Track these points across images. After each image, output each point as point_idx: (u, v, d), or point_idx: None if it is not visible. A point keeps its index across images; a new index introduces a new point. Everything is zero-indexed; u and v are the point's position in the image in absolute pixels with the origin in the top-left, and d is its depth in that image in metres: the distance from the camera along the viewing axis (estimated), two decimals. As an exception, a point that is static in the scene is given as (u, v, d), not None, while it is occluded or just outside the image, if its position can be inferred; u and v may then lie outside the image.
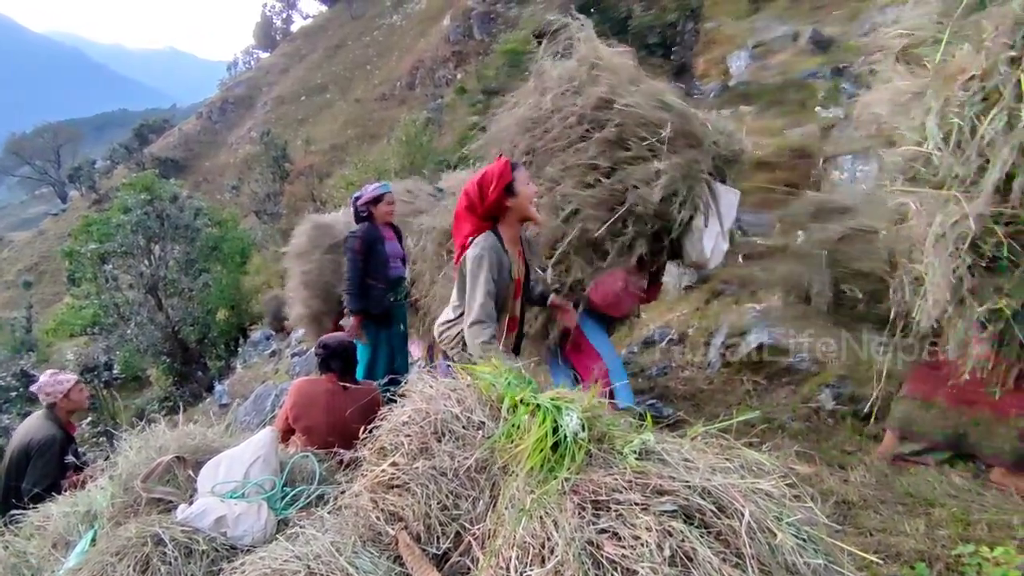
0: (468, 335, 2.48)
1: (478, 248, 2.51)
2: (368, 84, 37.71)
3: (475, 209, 2.59)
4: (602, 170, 3.16)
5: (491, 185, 2.55)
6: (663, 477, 1.43)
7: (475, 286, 2.47)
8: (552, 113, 3.29)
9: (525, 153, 3.33)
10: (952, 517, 2.45)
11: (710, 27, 12.63)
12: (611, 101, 3.18)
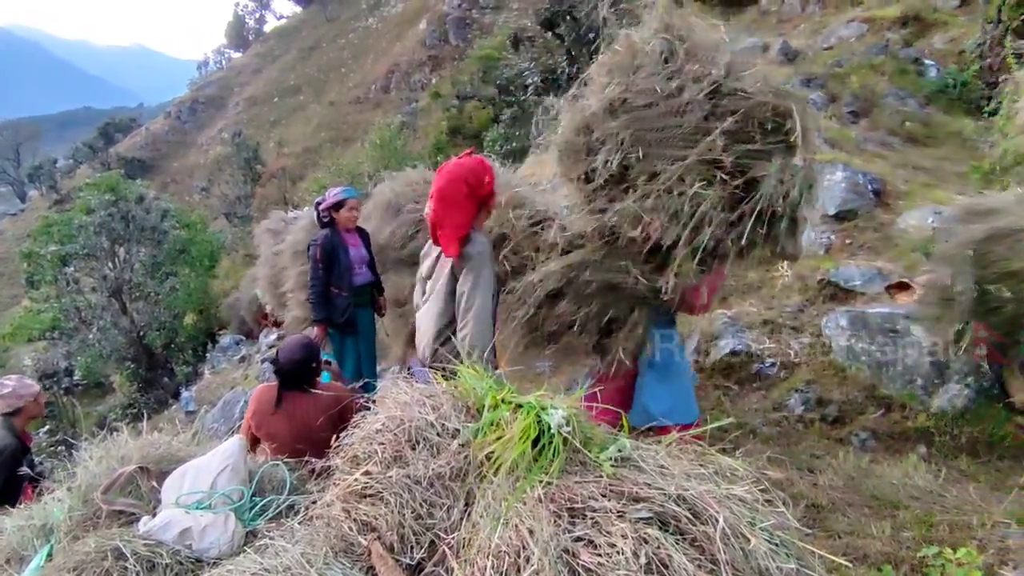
0: (470, 332, 2.41)
1: (477, 245, 2.48)
2: (342, 87, 37.37)
3: (475, 195, 2.54)
4: (725, 166, 2.62)
5: (486, 176, 2.54)
6: (639, 484, 1.43)
7: (478, 283, 2.43)
8: (651, 97, 2.69)
9: (631, 145, 2.69)
10: (916, 519, 2.51)
11: (683, 37, 12.86)
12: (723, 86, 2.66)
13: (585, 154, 2.79)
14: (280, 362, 2.98)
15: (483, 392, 1.83)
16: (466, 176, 2.53)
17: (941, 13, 9.82)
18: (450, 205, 2.54)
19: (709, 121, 2.61)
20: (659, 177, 2.62)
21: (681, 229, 2.61)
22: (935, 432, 3.19)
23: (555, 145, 2.92)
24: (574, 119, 2.83)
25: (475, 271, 2.44)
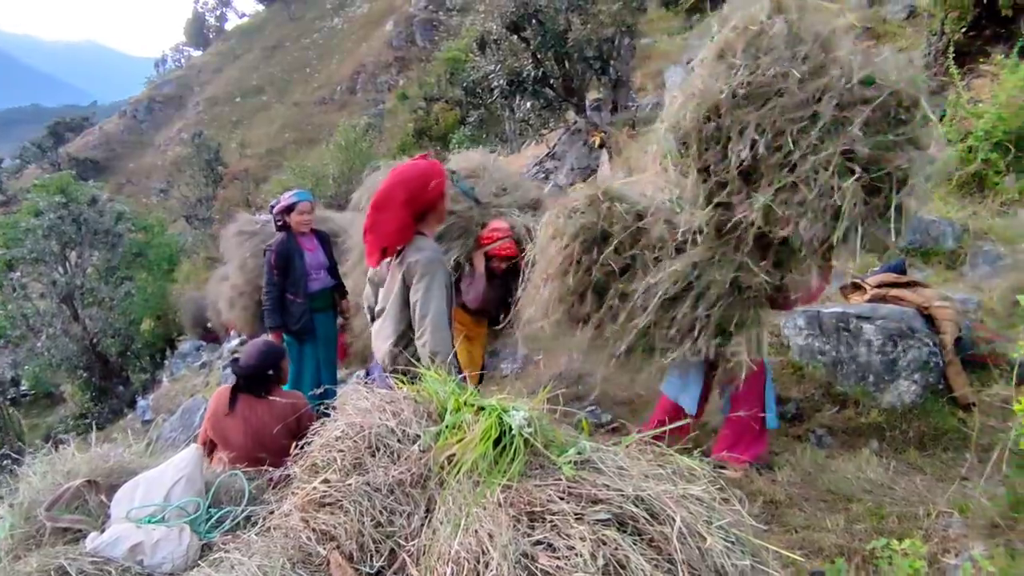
0: (428, 341, 2.36)
1: (426, 251, 2.42)
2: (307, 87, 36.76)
3: (412, 203, 2.46)
4: (862, 158, 2.45)
5: (434, 179, 2.46)
6: (597, 486, 1.44)
7: (431, 290, 2.37)
8: (783, 83, 2.48)
9: (773, 135, 2.48)
10: (868, 511, 2.60)
11: (646, 43, 13.09)
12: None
13: (714, 143, 2.60)
14: (239, 366, 2.92)
15: (445, 396, 1.82)
16: (406, 181, 2.45)
17: (891, 24, 10.21)
18: (381, 211, 2.45)
19: (843, 110, 2.45)
20: (795, 169, 2.46)
21: (822, 224, 2.46)
22: (886, 427, 3.30)
23: (668, 133, 2.71)
24: (696, 105, 2.60)
25: (427, 277, 2.38)
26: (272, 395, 2.93)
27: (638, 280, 2.83)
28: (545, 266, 3.02)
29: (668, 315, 2.77)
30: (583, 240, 2.87)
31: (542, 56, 8.29)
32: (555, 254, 2.96)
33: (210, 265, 13.83)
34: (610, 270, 2.83)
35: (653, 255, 2.80)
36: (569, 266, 2.91)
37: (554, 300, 2.99)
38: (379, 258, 2.55)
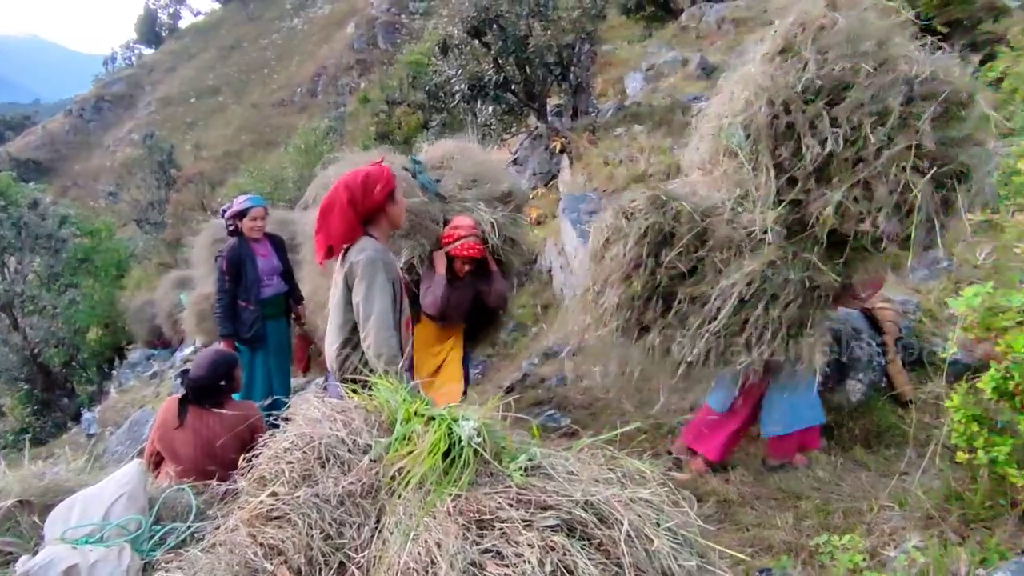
0: (372, 343, 2.34)
1: (367, 251, 2.42)
2: (265, 89, 35.99)
3: (356, 205, 2.47)
4: (932, 153, 2.45)
5: (379, 185, 2.47)
6: (547, 492, 1.45)
7: (371, 291, 2.37)
8: (852, 78, 2.49)
9: (836, 127, 2.46)
10: (815, 508, 2.68)
11: (607, 49, 13.27)
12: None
13: (787, 139, 2.57)
14: (190, 377, 2.84)
15: (396, 405, 1.80)
16: (350, 184, 2.47)
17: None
18: (326, 212, 2.48)
19: (909, 105, 2.46)
20: (867, 164, 2.44)
21: (897, 219, 2.44)
22: (834, 426, 3.42)
23: (737, 128, 2.66)
24: (768, 100, 2.55)
25: (366, 278, 2.38)
26: (224, 406, 2.86)
27: (706, 283, 2.73)
28: (602, 272, 2.90)
29: (739, 318, 2.68)
30: (649, 242, 2.75)
31: (503, 61, 8.32)
32: (616, 258, 2.82)
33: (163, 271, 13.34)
34: (677, 273, 2.75)
35: (721, 256, 2.71)
36: (633, 270, 2.79)
37: (613, 307, 2.84)
38: (325, 256, 2.55)
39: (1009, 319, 1.77)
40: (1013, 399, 1.95)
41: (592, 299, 2.95)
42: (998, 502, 2.15)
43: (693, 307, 2.75)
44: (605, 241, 2.89)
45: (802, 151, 2.55)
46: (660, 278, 2.77)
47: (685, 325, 2.76)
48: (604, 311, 2.88)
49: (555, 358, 5.00)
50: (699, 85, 9.56)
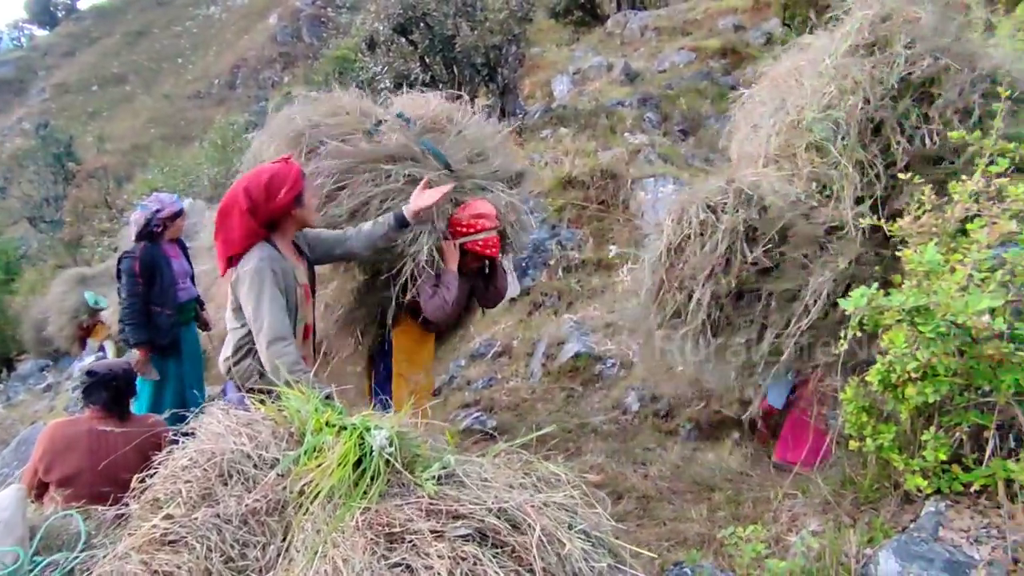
0: (267, 356, 2.23)
1: (252, 261, 2.28)
2: (179, 79, 33.92)
3: (256, 212, 2.31)
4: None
5: (283, 188, 2.31)
6: (459, 501, 1.43)
7: (260, 302, 2.24)
8: (934, 73, 2.52)
9: (927, 124, 2.46)
10: (727, 499, 2.81)
11: (535, 52, 13.43)
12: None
13: (874, 134, 2.53)
14: (86, 390, 2.62)
15: (307, 415, 1.73)
16: (251, 189, 2.31)
17: (752, 48, 11.25)
18: (225, 216, 2.33)
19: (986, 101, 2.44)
20: (949, 162, 2.44)
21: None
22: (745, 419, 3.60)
23: (823, 122, 2.58)
24: (856, 95, 2.49)
25: (254, 290, 2.25)
26: (126, 421, 2.67)
27: (788, 279, 2.66)
28: (683, 269, 2.75)
29: (833, 316, 2.58)
30: (738, 238, 2.65)
31: (430, 60, 8.24)
32: (703, 254, 2.69)
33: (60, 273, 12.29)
34: (760, 269, 2.67)
35: (802, 252, 2.64)
36: (720, 267, 2.68)
37: (698, 305, 2.70)
38: (227, 267, 2.38)
39: (891, 318, 1.92)
40: (896, 390, 2.11)
41: (668, 297, 2.79)
42: (884, 484, 2.32)
43: (779, 304, 2.69)
44: (686, 237, 2.75)
45: (889, 148, 2.57)
46: (744, 275, 2.70)
47: (769, 323, 2.70)
48: (681, 310, 2.75)
49: (482, 360, 5.00)
50: (623, 90, 9.85)
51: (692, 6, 13.74)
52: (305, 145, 2.94)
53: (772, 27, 11.11)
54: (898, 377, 2.07)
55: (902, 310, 1.85)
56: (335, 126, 2.99)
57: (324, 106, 3.13)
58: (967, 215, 2.14)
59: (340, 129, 2.98)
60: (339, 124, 3.00)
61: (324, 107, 3.12)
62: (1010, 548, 1.87)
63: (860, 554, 2.03)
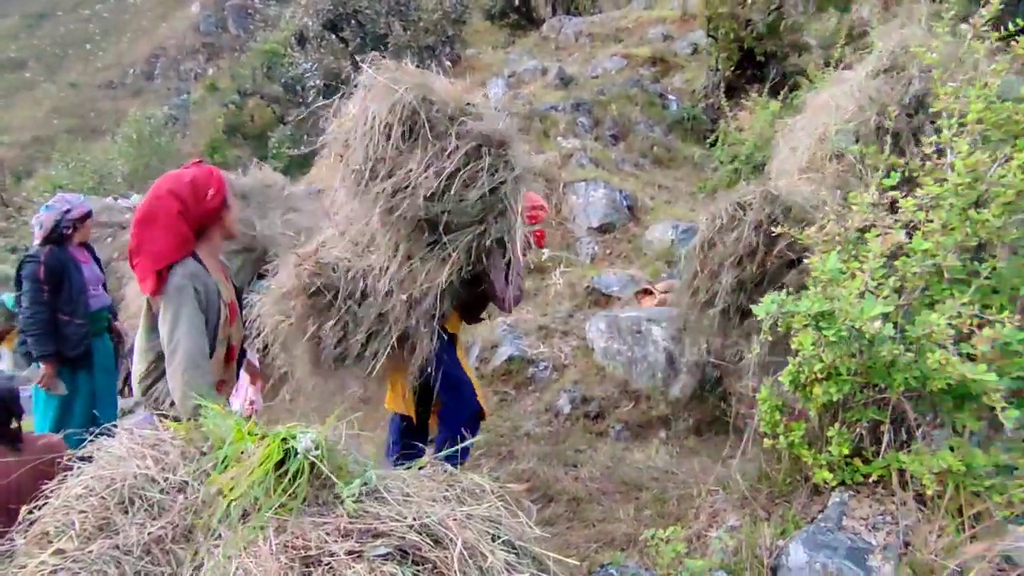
0: (179, 382, 2.06)
1: (176, 278, 2.12)
2: (88, 67, 31.60)
3: (188, 215, 2.16)
4: None
5: (210, 189, 2.19)
6: (380, 518, 1.39)
7: (177, 324, 2.07)
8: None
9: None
10: (654, 498, 2.89)
11: (471, 53, 13.40)
12: None
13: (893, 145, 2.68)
14: None
15: (226, 431, 1.64)
16: (176, 190, 2.16)
17: (679, 58, 11.66)
18: (152, 226, 2.14)
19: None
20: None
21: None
22: (672, 418, 3.73)
23: (848, 133, 2.83)
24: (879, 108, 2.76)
25: (171, 308, 2.09)
26: (18, 443, 2.45)
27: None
28: (715, 257, 3.02)
29: None
30: (763, 231, 2.90)
31: (361, 59, 8.05)
32: (731, 243, 2.93)
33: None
34: (785, 261, 2.90)
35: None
36: (746, 255, 2.94)
37: (725, 289, 2.97)
38: (156, 283, 2.15)
39: (799, 322, 2.04)
40: (805, 390, 2.24)
41: (700, 284, 3.07)
42: (796, 478, 2.46)
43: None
44: (719, 229, 3.02)
45: (905, 156, 2.85)
46: (770, 265, 2.95)
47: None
48: (712, 294, 3.01)
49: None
50: (557, 94, 9.98)
51: (624, 14, 14.11)
52: (424, 124, 2.60)
53: (698, 38, 11.55)
54: (806, 377, 2.19)
55: (808, 315, 1.96)
56: (443, 105, 2.66)
57: (413, 79, 2.74)
58: (866, 225, 2.31)
59: (449, 109, 2.67)
60: (448, 103, 2.68)
61: (415, 80, 2.72)
62: (901, 533, 2.02)
63: (773, 546, 2.13)
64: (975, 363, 1.77)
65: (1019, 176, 1.90)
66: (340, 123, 2.84)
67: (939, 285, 2.06)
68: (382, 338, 2.77)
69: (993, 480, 1.88)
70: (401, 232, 2.66)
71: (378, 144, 2.58)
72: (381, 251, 2.74)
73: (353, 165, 2.65)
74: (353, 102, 2.80)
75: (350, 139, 2.72)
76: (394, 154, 2.60)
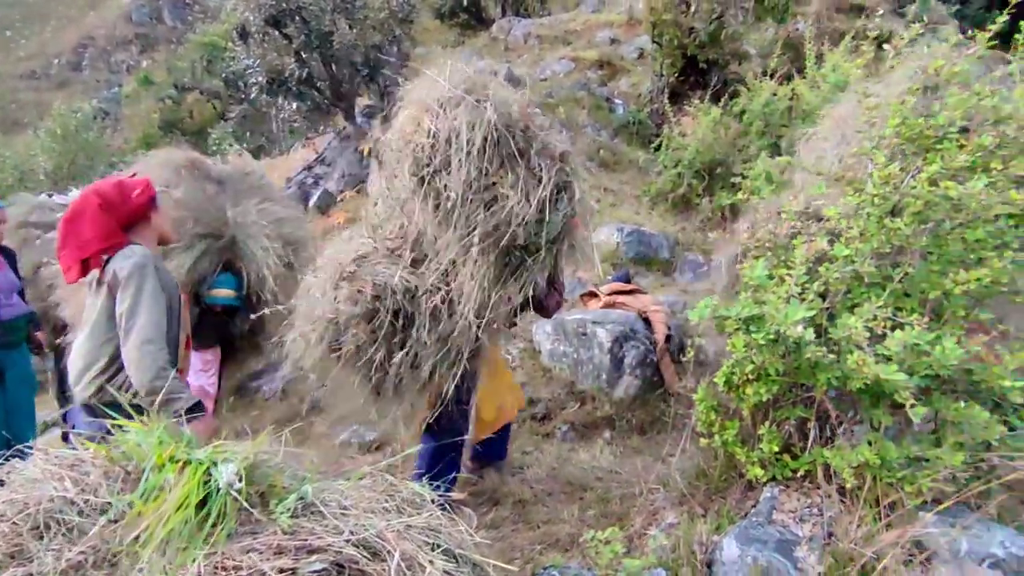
0: (136, 356, 2.06)
1: (136, 257, 2.16)
2: (8, 56, 29.57)
3: (112, 209, 2.22)
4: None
5: (136, 190, 2.27)
6: (316, 533, 1.37)
7: (139, 299, 2.09)
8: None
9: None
10: (598, 497, 2.95)
11: (421, 52, 13.28)
12: None
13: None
14: None
15: (148, 450, 1.57)
16: (101, 190, 2.25)
17: (626, 62, 11.90)
18: (77, 221, 2.20)
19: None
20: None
21: None
22: (616, 418, 3.80)
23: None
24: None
25: (133, 284, 2.13)
26: None
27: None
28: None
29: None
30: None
31: (307, 56, 7.85)
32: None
33: None
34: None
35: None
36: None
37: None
38: (79, 272, 2.21)
39: (731, 326, 2.12)
40: (738, 390, 2.33)
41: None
42: (731, 475, 2.56)
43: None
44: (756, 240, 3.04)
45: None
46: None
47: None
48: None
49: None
50: (506, 96, 10.04)
51: (573, 17, 14.30)
52: (513, 144, 2.46)
53: (644, 43, 11.82)
54: (739, 378, 2.29)
55: (739, 319, 2.04)
56: (519, 119, 2.53)
57: (485, 88, 2.61)
58: (794, 232, 2.43)
59: (522, 123, 2.52)
60: (518, 115, 2.52)
61: (498, 94, 2.59)
62: (825, 524, 2.13)
63: (709, 542, 2.22)
64: (889, 363, 1.89)
65: (926, 188, 2.04)
66: (399, 134, 2.59)
67: (859, 289, 2.19)
68: (450, 360, 2.59)
69: (905, 471, 2.01)
70: (491, 258, 2.47)
71: (474, 169, 2.40)
72: (462, 276, 2.52)
73: (450, 192, 2.42)
74: (408, 110, 2.59)
75: (425, 156, 2.48)
76: (487, 180, 2.44)
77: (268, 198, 4.12)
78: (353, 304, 2.49)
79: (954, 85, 2.41)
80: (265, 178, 4.46)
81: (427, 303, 2.54)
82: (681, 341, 4.28)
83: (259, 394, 4.97)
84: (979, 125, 2.29)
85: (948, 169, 2.08)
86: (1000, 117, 2.19)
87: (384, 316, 2.48)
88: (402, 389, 2.63)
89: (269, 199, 4.12)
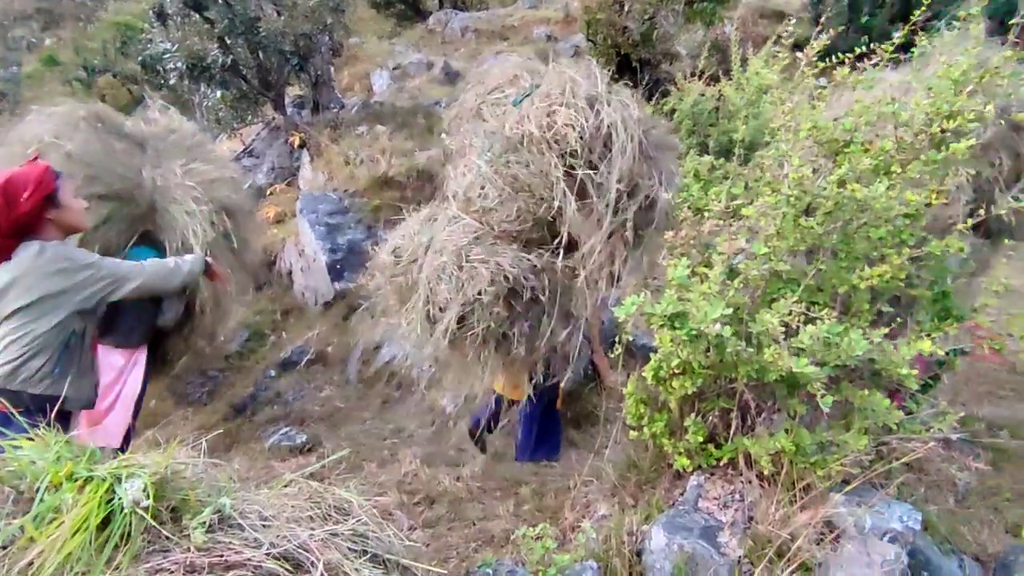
0: (157, 282, 2.38)
1: (49, 249, 2.14)
2: None
3: (9, 213, 2.08)
4: None
5: (24, 192, 2.08)
6: (234, 547, 1.31)
7: (101, 260, 2.25)
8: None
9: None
10: (532, 493, 2.98)
11: (355, 42, 12.91)
12: None
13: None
14: None
15: (42, 468, 1.45)
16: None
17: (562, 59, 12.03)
18: None
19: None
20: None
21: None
22: (554, 411, 3.84)
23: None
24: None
25: (76, 259, 2.19)
26: None
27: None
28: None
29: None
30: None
31: (231, 42, 7.46)
32: None
33: None
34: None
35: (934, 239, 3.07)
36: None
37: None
38: None
39: (656, 322, 2.18)
40: (665, 383, 2.41)
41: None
42: (661, 465, 2.64)
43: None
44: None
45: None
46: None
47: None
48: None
49: (294, 368, 4.69)
50: (442, 90, 9.91)
51: (510, 12, 14.30)
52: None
53: (580, 40, 11.97)
54: (666, 372, 2.36)
55: (664, 316, 2.10)
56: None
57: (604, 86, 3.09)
58: (716, 230, 2.52)
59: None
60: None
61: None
62: (746, 509, 2.24)
63: (638, 532, 2.28)
64: (802, 355, 2.00)
65: (835, 189, 2.16)
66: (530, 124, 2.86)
67: (776, 285, 2.30)
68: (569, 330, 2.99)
69: (816, 456, 2.14)
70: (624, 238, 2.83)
71: (627, 163, 2.75)
72: (592, 254, 2.80)
73: (610, 186, 2.73)
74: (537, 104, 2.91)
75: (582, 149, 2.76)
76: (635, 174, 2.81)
77: (198, 158, 3.63)
78: (492, 285, 2.74)
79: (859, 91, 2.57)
80: (197, 136, 3.94)
81: (554, 281, 2.86)
82: (614, 335, 4.38)
83: (186, 398, 4.72)
84: (882, 130, 2.46)
85: (854, 172, 2.21)
86: (898, 123, 2.35)
87: (525, 294, 2.79)
88: (519, 359, 2.94)
89: (201, 160, 3.62)
